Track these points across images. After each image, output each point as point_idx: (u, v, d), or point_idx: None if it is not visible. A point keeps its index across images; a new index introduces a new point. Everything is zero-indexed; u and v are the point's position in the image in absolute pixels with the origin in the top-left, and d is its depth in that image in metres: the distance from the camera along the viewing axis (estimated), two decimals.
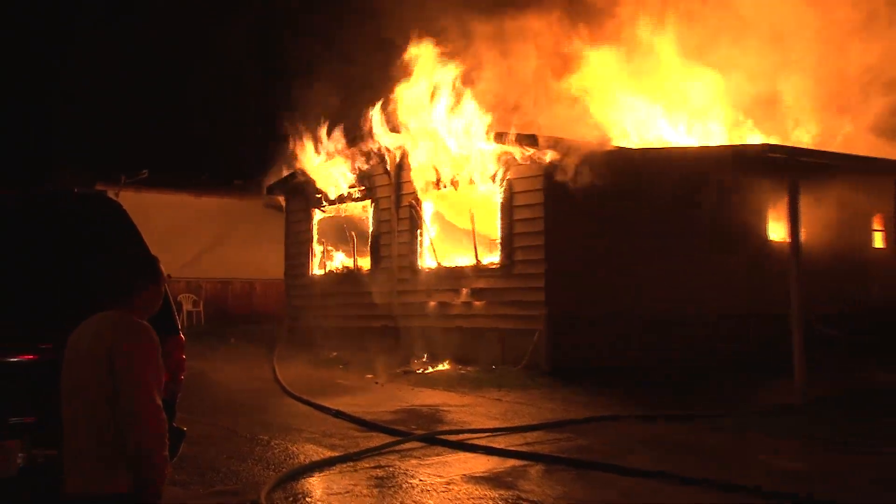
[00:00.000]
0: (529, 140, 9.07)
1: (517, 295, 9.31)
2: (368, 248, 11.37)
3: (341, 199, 11.90)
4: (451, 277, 10.04)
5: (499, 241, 9.54)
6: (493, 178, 9.55)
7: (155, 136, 18.22)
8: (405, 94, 9.74)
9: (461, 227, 10.43)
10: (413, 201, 10.56)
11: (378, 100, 10.20)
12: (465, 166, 9.85)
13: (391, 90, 9.82)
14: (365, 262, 11.45)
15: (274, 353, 10.72)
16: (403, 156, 10.74)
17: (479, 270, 9.74)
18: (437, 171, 10.13)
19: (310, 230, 12.39)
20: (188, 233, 15.13)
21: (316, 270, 12.28)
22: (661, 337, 9.22)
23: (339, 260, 12.01)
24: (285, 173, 12.50)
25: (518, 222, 9.39)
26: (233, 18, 16.47)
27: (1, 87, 17.80)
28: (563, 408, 7.15)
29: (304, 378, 8.94)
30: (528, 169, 9.17)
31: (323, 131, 11.21)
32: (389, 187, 11.08)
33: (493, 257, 9.65)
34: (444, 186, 10.21)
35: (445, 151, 9.91)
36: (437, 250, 10.34)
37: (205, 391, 7.77)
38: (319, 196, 12.13)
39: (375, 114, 10.36)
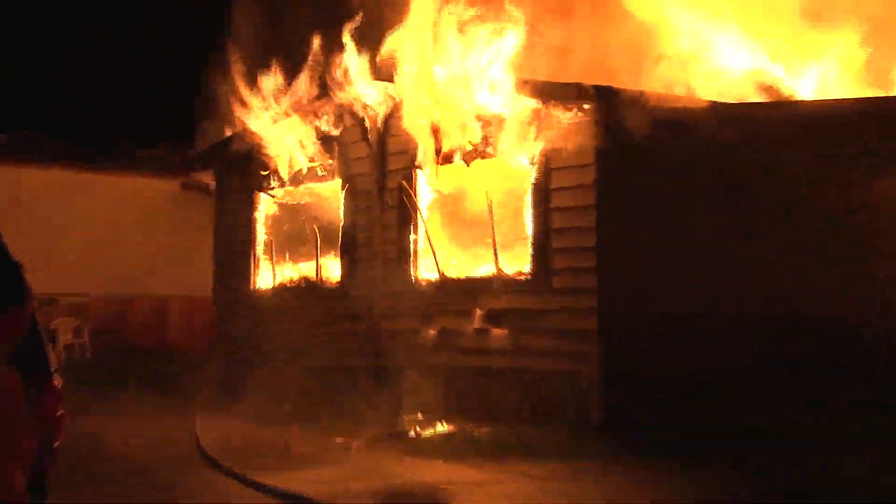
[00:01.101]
0: (577, 92, 9.06)
1: (556, 319, 9.34)
2: (339, 250, 11.48)
3: (299, 179, 11.99)
4: (460, 294, 10.13)
5: (529, 239, 9.57)
6: (523, 148, 9.59)
7: (33, 92, 19.06)
8: (397, 26, 9.92)
9: (474, 220, 10.52)
10: (404, 182, 10.60)
11: (356, 31, 10.32)
12: (482, 130, 9.89)
13: (376, 18, 10.12)
14: (334, 271, 11.59)
15: (197, 404, 10.77)
16: (392, 115, 10.78)
17: (500, 283, 9.77)
18: (440, 136, 10.18)
19: (252, 224, 12.62)
20: (69, 226, 15.31)
21: (262, 283, 12.55)
22: (784, 383, 9.06)
23: (297, 267, 12.17)
24: (215, 140, 12.69)
25: (557, 213, 9.40)
26: None
27: None
28: (630, 493, 6.98)
29: (241, 440, 8.91)
30: (573, 135, 9.18)
31: (273, 77, 11.31)
32: (370, 161, 11.13)
33: (520, 264, 9.68)
34: (451, 160, 10.24)
35: (454, 108, 9.95)
36: (438, 253, 10.39)
37: (93, 461, 7.69)
38: (267, 173, 12.23)
39: (351, 53, 10.41)
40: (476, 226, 10.41)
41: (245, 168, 12.54)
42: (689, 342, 9.06)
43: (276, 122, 11.72)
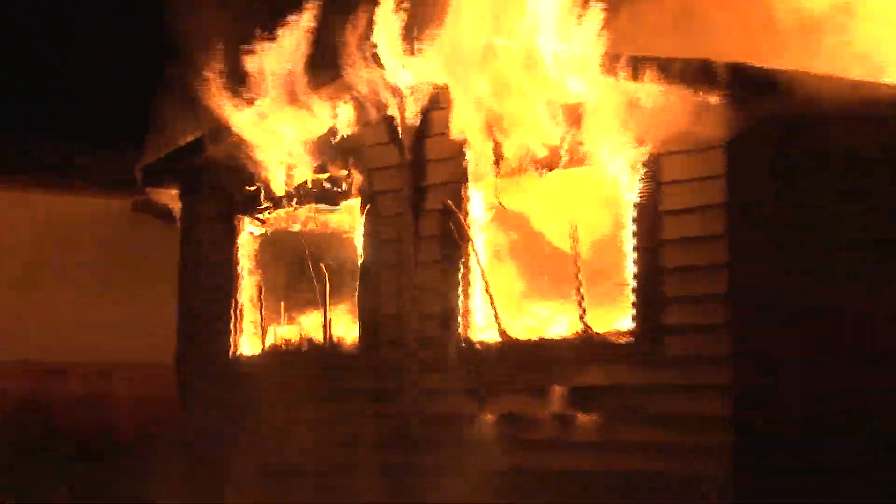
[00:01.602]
0: (706, 73, 9.03)
1: (669, 401, 9.28)
2: (356, 299, 11.55)
3: (300, 198, 12.08)
4: (531, 363, 10.14)
5: (631, 284, 9.59)
6: (623, 152, 9.65)
7: None
8: None
9: (551, 256, 10.59)
10: (450, 202, 10.72)
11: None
12: (564, 128, 9.97)
13: None
14: (349, 329, 11.65)
15: None
16: (433, 106, 10.88)
17: (588, 348, 9.77)
18: (503, 136, 10.27)
19: (233, 261, 12.70)
20: None
21: (246, 346, 12.58)
22: None
23: (296, 324, 12.27)
24: (179, 143, 12.93)
25: (673, 245, 9.36)
26: None
27: None
28: None
29: None
30: (696, 134, 9.21)
31: (262, 55, 11.51)
32: (401, 173, 11.19)
33: (617, 320, 9.72)
34: (518, 170, 10.33)
35: (524, 97, 10.03)
36: (499, 304, 10.42)
37: None
38: (253, 191, 12.39)
39: (379, 18, 10.58)
40: (553, 264, 10.35)
41: (222, 183, 12.65)
42: (863, 433, 9.08)
43: (267, 118, 11.89)
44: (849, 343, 9.25)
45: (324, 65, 11.44)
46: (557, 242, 10.47)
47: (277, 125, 11.92)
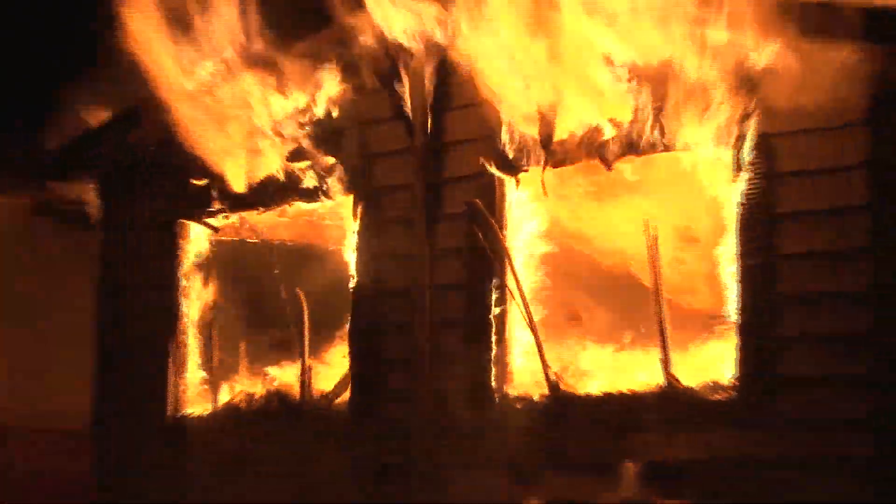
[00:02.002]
0: (842, 22, 8.97)
1: (789, 485, 9.25)
2: (348, 336, 11.69)
3: (268, 196, 12.29)
4: (592, 428, 10.20)
5: (733, 317, 9.61)
6: (719, 131, 9.71)
7: None
8: None
9: (617, 277, 10.98)
10: (477, 201, 10.77)
11: None
12: (637, 99, 10.03)
13: None
14: (336, 379, 11.71)
15: None
16: (454, 69, 10.87)
17: (672, 407, 9.85)
18: (551, 110, 10.30)
19: (174, 283, 12.91)
20: None
21: (190, 405, 12.76)
22: None
23: (263, 373, 12.42)
24: (96, 123, 13.02)
25: (793, 264, 9.41)
26: None
27: None
28: None
29: None
30: (824, 107, 9.18)
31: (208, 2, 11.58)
32: (407, 162, 11.31)
33: (713, 367, 9.83)
34: (572, 157, 10.39)
35: (580, 55, 10.02)
36: (547, 345, 10.48)
37: None
38: (202, 186, 12.56)
39: None
40: (623, 289, 10.68)
41: (157, 176, 12.83)
42: None
43: (220, 87, 11.98)
44: None
45: (300, 11, 11.52)
46: (629, 260, 10.76)
47: (234, 97, 12.03)
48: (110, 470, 13.28)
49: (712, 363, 9.81)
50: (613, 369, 10.46)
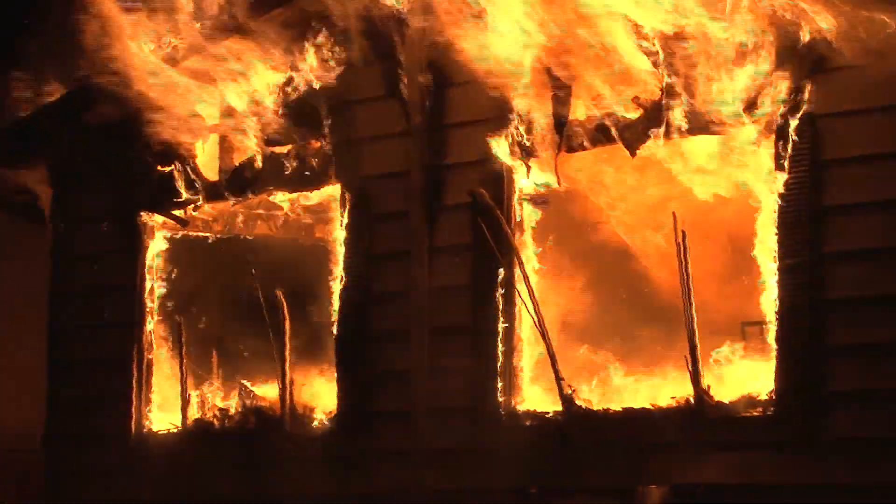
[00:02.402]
0: None
1: None
2: (335, 346, 11.70)
3: (237, 188, 12.26)
4: (612, 448, 10.31)
5: (774, 326, 9.68)
6: (760, 114, 9.73)
7: None
8: None
9: (643, 277, 11.21)
10: (482, 191, 10.79)
11: None
12: (664, 75, 10.08)
13: None
14: (321, 393, 11.76)
15: None
16: (457, 39, 10.70)
17: (702, 426, 9.90)
18: (569, 86, 10.37)
19: (136, 283, 12.90)
20: None
21: (156, 421, 12.72)
22: None
23: (238, 386, 12.42)
24: (45, 100, 13.00)
25: (841, 264, 9.47)
26: None
27: None
28: None
29: None
30: (877, 85, 9.31)
31: None
32: (403, 147, 11.34)
33: (750, 381, 9.87)
34: (591, 141, 10.46)
35: (601, 24, 10.10)
36: (560, 354, 10.50)
37: None
38: (167, 174, 12.52)
39: None
40: (648, 292, 10.82)
41: (116, 163, 12.70)
42: None
43: (187, 61, 11.84)
44: None
45: None
46: (654, 258, 10.67)
47: (204, 73, 11.85)
48: (63, 495, 13.21)
49: (748, 377, 9.84)
50: (636, 383, 10.48)
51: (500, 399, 10.65)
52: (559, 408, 10.34)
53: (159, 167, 12.46)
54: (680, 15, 9.83)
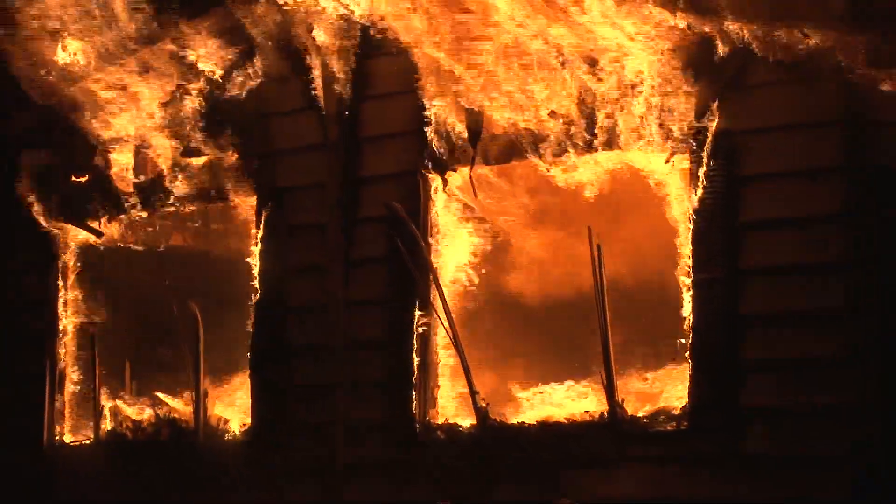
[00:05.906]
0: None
1: None
2: (249, 359, 11.70)
3: (153, 198, 12.18)
4: (525, 462, 10.22)
5: (688, 341, 9.68)
6: (676, 129, 9.76)
7: None
8: None
9: (557, 292, 10.96)
10: (397, 206, 10.79)
11: None
12: (583, 90, 10.03)
13: None
14: (236, 406, 11.81)
15: None
16: (378, 49, 10.96)
17: (616, 440, 9.89)
18: (482, 104, 10.36)
19: (50, 297, 12.83)
20: None
21: (67, 432, 12.69)
22: None
23: (150, 399, 12.36)
24: None
25: (756, 281, 9.49)
26: None
27: None
28: None
29: None
30: (795, 102, 9.38)
31: None
32: (320, 159, 11.31)
33: (666, 394, 9.90)
34: (509, 154, 10.42)
35: (519, 37, 10.06)
36: (474, 369, 10.48)
37: None
38: (81, 184, 12.47)
39: None
40: (562, 307, 10.60)
41: (28, 172, 12.48)
42: None
43: (104, 69, 11.73)
44: None
45: None
46: (570, 272, 10.61)
47: (120, 80, 11.76)
48: None
49: (663, 390, 9.89)
50: (549, 396, 10.50)
51: (416, 412, 10.66)
52: (474, 421, 10.36)
53: (74, 177, 12.34)
54: (597, 32, 9.79)
